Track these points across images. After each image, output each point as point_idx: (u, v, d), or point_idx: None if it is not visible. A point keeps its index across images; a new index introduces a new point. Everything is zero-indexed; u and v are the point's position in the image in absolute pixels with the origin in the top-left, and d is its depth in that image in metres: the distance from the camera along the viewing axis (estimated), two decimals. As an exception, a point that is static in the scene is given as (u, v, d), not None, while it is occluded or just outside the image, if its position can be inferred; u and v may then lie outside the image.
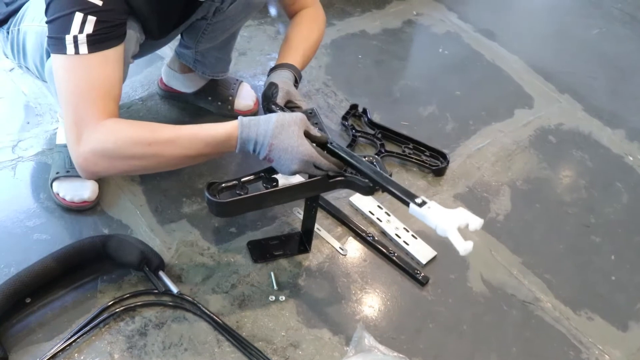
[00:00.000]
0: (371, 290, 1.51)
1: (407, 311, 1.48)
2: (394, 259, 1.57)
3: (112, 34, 1.17)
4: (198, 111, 1.91)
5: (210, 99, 1.88)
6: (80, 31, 1.13)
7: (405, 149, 1.88)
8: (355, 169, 1.23)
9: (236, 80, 1.92)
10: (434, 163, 1.85)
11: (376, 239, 1.61)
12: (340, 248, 1.58)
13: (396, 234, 1.62)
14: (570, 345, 1.47)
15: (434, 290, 1.53)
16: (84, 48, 1.13)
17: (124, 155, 1.15)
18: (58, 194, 1.55)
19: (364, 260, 1.57)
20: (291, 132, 1.16)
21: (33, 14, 1.33)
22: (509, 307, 1.53)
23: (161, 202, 1.62)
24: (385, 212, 1.67)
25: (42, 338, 1.31)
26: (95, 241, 1.40)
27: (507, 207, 1.80)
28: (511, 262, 1.64)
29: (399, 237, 1.62)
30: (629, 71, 2.50)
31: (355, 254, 1.59)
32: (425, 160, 1.86)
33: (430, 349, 1.41)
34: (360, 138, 1.91)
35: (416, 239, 1.62)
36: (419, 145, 1.89)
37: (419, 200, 1.13)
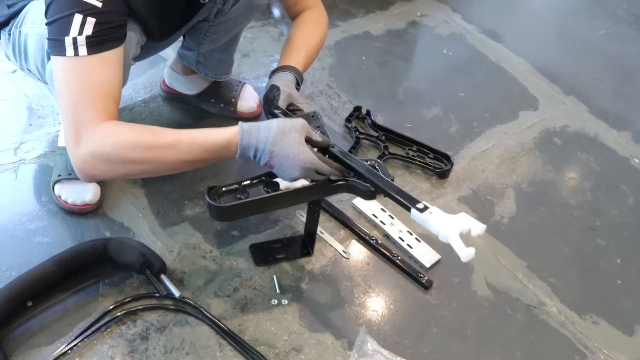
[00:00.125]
0: (374, 294, 1.50)
1: (411, 315, 1.47)
2: (398, 262, 1.56)
3: (112, 36, 1.16)
4: (200, 113, 1.90)
5: (213, 101, 1.87)
6: (80, 33, 1.12)
7: (409, 151, 1.87)
8: (357, 173, 1.22)
9: (239, 82, 1.91)
10: (438, 165, 1.84)
11: (379, 242, 1.60)
12: (343, 251, 1.57)
13: (400, 237, 1.61)
14: (576, 349, 1.45)
15: (437, 294, 1.52)
16: (83, 50, 1.13)
17: (123, 159, 1.14)
18: (60, 197, 1.54)
19: (367, 264, 1.56)
20: (292, 139, 1.15)
21: (34, 16, 1.33)
22: (514, 311, 1.51)
23: (163, 205, 1.61)
24: (389, 215, 1.66)
25: (43, 342, 1.30)
26: (97, 244, 1.39)
27: (512, 210, 1.78)
28: (516, 266, 1.62)
29: (403, 240, 1.60)
30: (635, 72, 2.48)
31: (359, 257, 1.58)
32: (429, 162, 1.85)
33: (434, 353, 1.40)
34: (364, 140, 1.90)
35: (420, 242, 1.61)
36: (423, 148, 1.88)
37: (420, 206, 1.12)
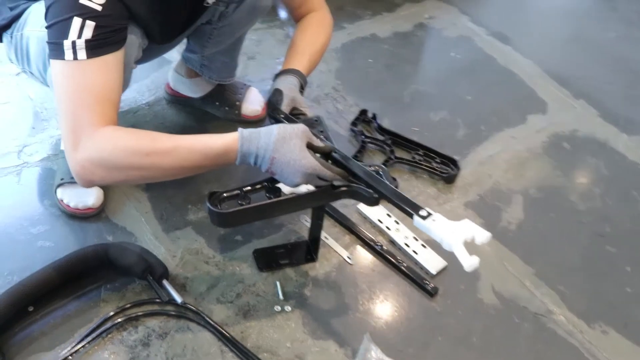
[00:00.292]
0: (379, 301, 1.48)
1: (416, 323, 1.44)
2: (403, 268, 1.53)
3: (112, 39, 1.15)
4: (205, 116, 1.88)
5: (217, 104, 1.86)
6: (79, 36, 1.11)
7: (415, 156, 1.85)
8: (359, 179, 1.19)
9: (244, 84, 1.90)
10: (445, 170, 1.82)
11: (385, 248, 1.58)
12: (347, 257, 1.55)
13: (405, 243, 1.59)
14: (584, 359, 1.43)
15: (443, 301, 1.50)
16: (82, 53, 1.11)
17: (121, 165, 1.13)
18: (62, 201, 1.53)
19: (372, 270, 1.54)
20: (293, 145, 1.13)
21: (35, 18, 1.32)
22: (521, 320, 1.49)
23: (166, 210, 1.60)
24: (395, 221, 1.64)
25: (44, 347, 1.29)
26: (98, 249, 1.38)
27: (520, 216, 1.76)
28: (523, 273, 1.60)
29: (408, 246, 1.58)
30: (646, 76, 2.45)
31: (363, 263, 1.56)
32: (436, 167, 1.82)
33: (439, 362, 1.38)
34: (370, 144, 1.88)
35: (426, 248, 1.58)
36: (430, 152, 1.86)
37: (423, 213, 1.10)
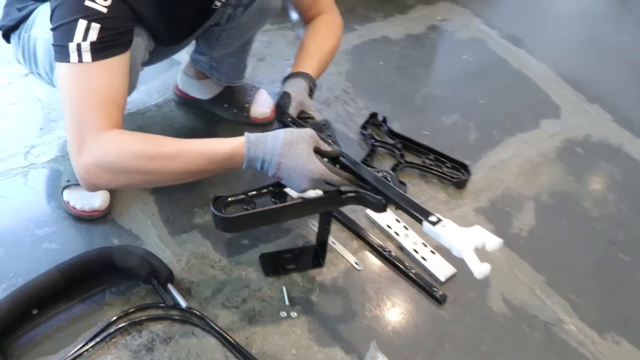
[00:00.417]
0: (386, 308, 1.45)
1: (423, 330, 1.42)
2: (411, 275, 1.51)
3: (117, 42, 1.14)
4: (213, 118, 1.87)
5: (226, 106, 1.85)
6: (84, 39, 1.09)
7: (426, 160, 1.82)
8: (367, 184, 1.17)
9: (253, 86, 1.88)
10: (455, 175, 1.80)
11: (393, 254, 1.55)
12: (355, 263, 1.53)
13: (414, 249, 1.57)
14: (595, 370, 1.40)
15: (452, 309, 1.47)
16: (87, 56, 1.10)
17: (126, 169, 1.11)
18: (69, 203, 1.53)
19: (380, 276, 1.52)
20: (300, 150, 1.11)
21: (42, 20, 1.31)
22: (531, 329, 1.46)
23: (173, 213, 1.59)
24: (404, 226, 1.62)
25: (48, 351, 1.28)
26: (103, 253, 1.37)
27: (531, 222, 1.73)
28: (534, 281, 1.57)
29: (417, 253, 1.56)
30: (662, 80, 2.41)
31: (371, 269, 1.54)
32: (446, 172, 1.80)
33: (447, 371, 1.36)
34: (380, 148, 1.86)
35: (435, 254, 1.56)
36: (440, 157, 1.83)
37: (433, 218, 1.08)
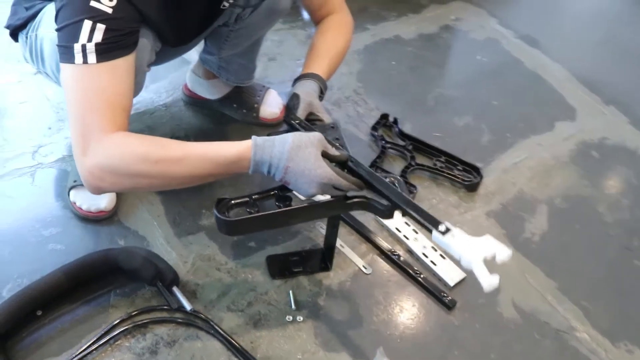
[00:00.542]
0: (394, 313, 1.43)
1: (432, 336, 1.40)
2: (420, 280, 1.49)
3: (122, 43, 1.12)
4: (222, 118, 1.86)
5: (235, 106, 1.83)
6: (89, 40, 1.08)
7: (437, 162, 1.79)
8: (375, 190, 1.15)
9: (262, 86, 1.86)
10: (467, 178, 1.77)
11: (402, 258, 1.53)
12: (363, 266, 1.51)
13: (423, 253, 1.54)
14: (608, 380, 1.37)
15: (461, 314, 1.45)
16: (92, 57, 1.09)
17: (130, 172, 1.10)
18: (75, 203, 1.52)
19: (388, 280, 1.50)
20: (308, 154, 1.09)
21: (49, 19, 1.29)
22: (542, 336, 1.43)
23: (179, 214, 1.57)
24: (413, 230, 1.59)
25: (51, 353, 1.27)
26: (108, 255, 1.36)
27: (544, 227, 1.70)
28: (546, 287, 1.54)
29: (426, 257, 1.54)
30: (680, 82, 2.36)
31: (380, 273, 1.51)
32: (458, 174, 1.77)
33: (455, 379, 1.33)
34: (390, 149, 1.84)
35: (444, 259, 1.54)
36: (452, 159, 1.81)
37: (442, 228, 1.05)
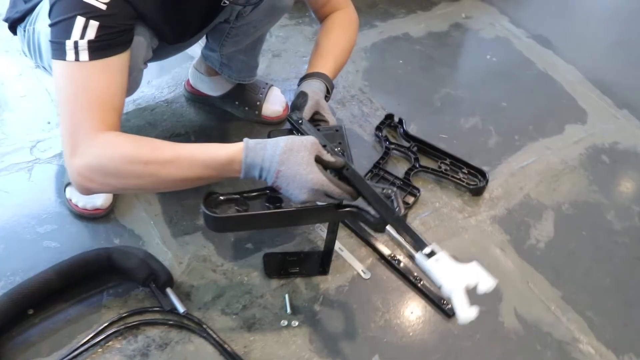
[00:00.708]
0: (392, 320, 1.40)
1: (430, 345, 1.37)
2: (420, 286, 1.45)
3: (116, 41, 1.09)
4: (224, 116, 1.83)
5: (237, 103, 1.80)
6: (82, 36, 1.05)
7: (442, 165, 1.76)
8: (366, 202, 1.11)
9: (265, 84, 1.83)
10: (472, 181, 1.73)
11: (402, 264, 1.50)
12: (362, 271, 1.48)
13: (424, 259, 1.51)
14: (611, 395, 1.34)
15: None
16: (84, 55, 1.06)
17: (119, 173, 1.07)
18: (71, 200, 1.50)
19: (387, 286, 1.47)
20: (300, 158, 1.05)
21: (46, 13, 1.27)
22: (544, 347, 1.40)
23: (177, 213, 1.55)
24: (414, 234, 1.56)
25: (42, 353, 1.26)
26: (101, 254, 1.34)
27: (550, 234, 1.65)
28: (549, 296, 1.50)
29: (427, 262, 1.50)
30: (696, 86, 2.30)
31: (378, 278, 1.48)
32: (463, 178, 1.73)
33: (452, 390, 1.30)
34: (394, 151, 1.80)
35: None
36: (457, 161, 1.77)
37: (427, 250, 1.02)
